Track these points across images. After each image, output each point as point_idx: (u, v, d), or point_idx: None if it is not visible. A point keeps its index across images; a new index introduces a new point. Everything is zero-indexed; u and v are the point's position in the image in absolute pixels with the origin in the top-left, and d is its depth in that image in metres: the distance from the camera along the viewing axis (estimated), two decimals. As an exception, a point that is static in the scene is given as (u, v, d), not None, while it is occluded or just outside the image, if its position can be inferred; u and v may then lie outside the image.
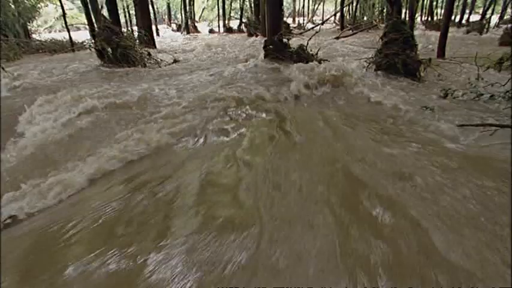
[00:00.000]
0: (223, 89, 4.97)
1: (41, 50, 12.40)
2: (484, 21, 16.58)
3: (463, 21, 19.21)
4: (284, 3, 12.48)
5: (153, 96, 4.74)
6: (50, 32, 24.63)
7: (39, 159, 2.98)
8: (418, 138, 3.17)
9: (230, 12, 26.32)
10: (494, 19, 19.53)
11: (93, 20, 8.98)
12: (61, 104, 4.22)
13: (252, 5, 20.95)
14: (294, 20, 31.37)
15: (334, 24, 24.07)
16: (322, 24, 21.23)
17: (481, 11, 20.03)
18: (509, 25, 11.36)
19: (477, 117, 3.60)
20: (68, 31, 12.36)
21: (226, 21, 23.83)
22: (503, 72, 5.10)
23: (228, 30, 22.93)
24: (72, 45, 11.98)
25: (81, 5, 10.07)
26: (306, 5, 34.10)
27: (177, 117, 3.87)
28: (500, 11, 20.57)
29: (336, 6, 30.17)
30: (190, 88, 5.35)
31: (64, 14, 12.49)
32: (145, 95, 4.72)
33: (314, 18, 31.13)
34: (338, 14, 22.31)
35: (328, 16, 26.55)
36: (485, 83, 4.23)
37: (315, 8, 33.71)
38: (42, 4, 17.18)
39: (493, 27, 16.83)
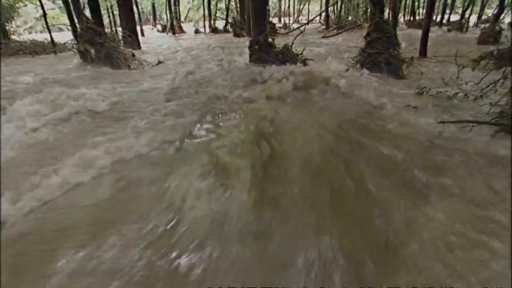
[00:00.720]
0: (207, 89, 4.97)
1: (21, 51, 12.00)
2: (464, 21, 17.13)
3: (444, 21, 19.80)
4: (270, 3, 12.50)
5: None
6: (30, 32, 23.85)
7: None
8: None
9: (216, 13, 26.20)
10: (473, 19, 20.21)
11: (76, 21, 8.78)
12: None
13: (238, 5, 20.93)
14: (279, 20, 31.49)
15: (319, 24, 24.31)
16: (308, 24, 21.40)
17: (460, 11, 20.68)
18: (487, 25, 11.79)
19: (454, 114, 3.73)
20: (49, 32, 12.02)
21: (212, 22, 23.73)
22: (480, 70, 5.29)
23: (214, 30, 22.84)
24: (54, 47, 11.67)
25: (62, 5, 9.84)
26: (291, 5, 34.35)
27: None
28: (478, 12, 21.31)
29: (321, 6, 30.46)
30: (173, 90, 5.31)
31: (45, 14, 12.13)
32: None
33: (300, 18, 31.33)
34: (323, 14, 22.52)
35: (314, 16, 26.75)
36: (461, 81, 4.39)
37: (301, 8, 33.95)
38: (21, 4, 16.63)
39: (472, 27, 17.40)
